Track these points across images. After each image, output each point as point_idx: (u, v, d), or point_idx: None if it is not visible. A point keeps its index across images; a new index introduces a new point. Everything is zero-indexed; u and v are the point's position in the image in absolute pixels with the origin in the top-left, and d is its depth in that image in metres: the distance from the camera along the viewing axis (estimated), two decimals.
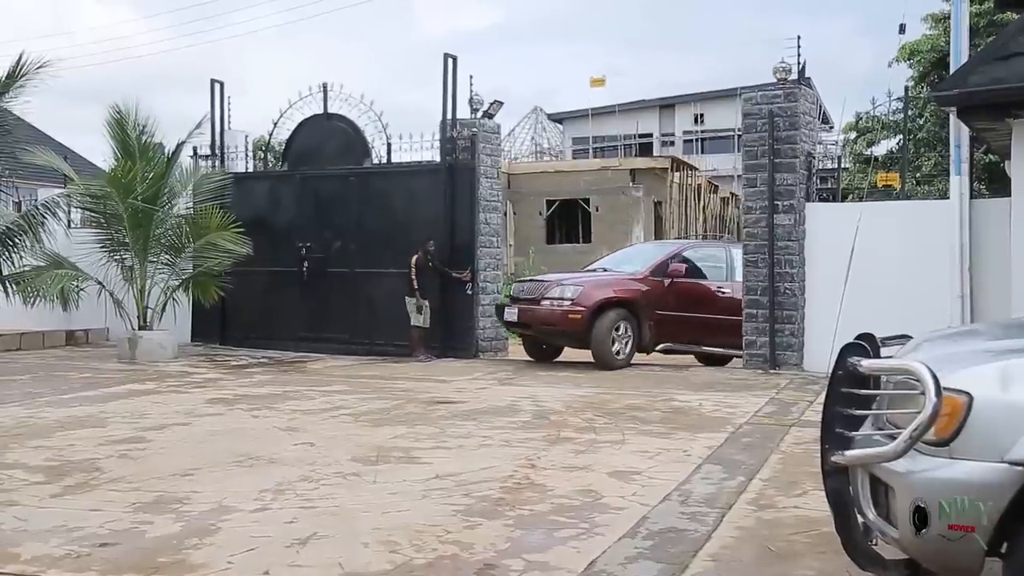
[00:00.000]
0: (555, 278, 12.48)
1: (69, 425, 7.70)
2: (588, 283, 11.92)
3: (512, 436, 7.23)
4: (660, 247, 13.99)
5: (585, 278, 12.26)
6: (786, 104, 11.50)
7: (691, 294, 12.21)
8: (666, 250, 13.02)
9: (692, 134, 42.07)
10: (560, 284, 11.93)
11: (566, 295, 11.67)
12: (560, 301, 11.64)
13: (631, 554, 4.32)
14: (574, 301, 11.57)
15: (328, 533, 4.60)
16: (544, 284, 12.13)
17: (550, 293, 11.78)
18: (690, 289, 12.25)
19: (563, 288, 11.78)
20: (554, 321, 11.70)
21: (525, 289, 12.26)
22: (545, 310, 11.73)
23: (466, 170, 13.29)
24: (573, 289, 11.72)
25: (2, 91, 13.36)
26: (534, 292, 12.00)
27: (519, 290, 12.39)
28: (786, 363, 11.43)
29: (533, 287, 12.19)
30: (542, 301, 11.77)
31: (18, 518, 4.87)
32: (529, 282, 12.68)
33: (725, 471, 6.06)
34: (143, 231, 13.22)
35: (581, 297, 11.58)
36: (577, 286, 11.78)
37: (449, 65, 13.25)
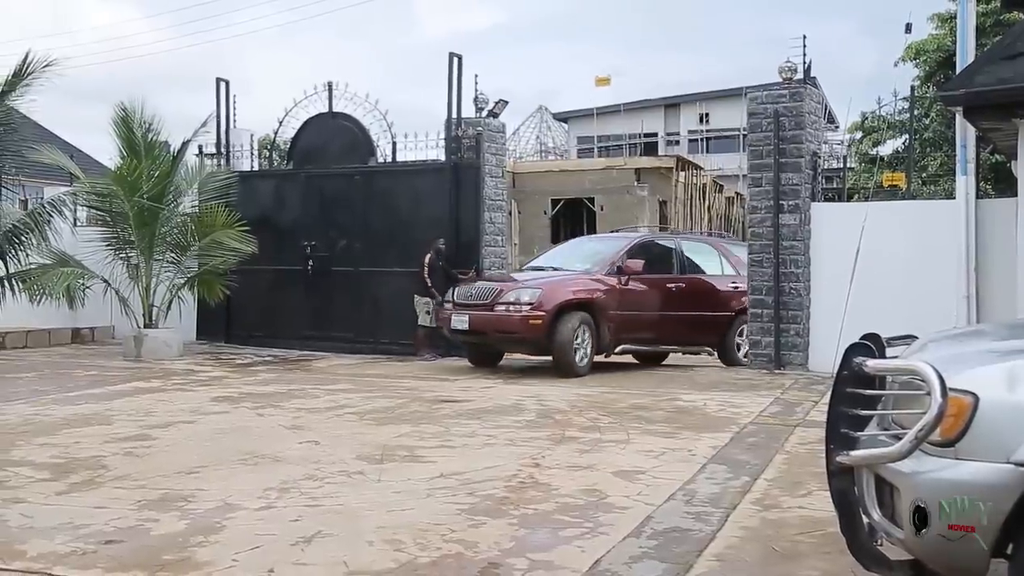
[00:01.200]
0: (508, 280, 11.67)
1: (75, 423, 7.72)
2: (546, 285, 11.03)
3: (516, 435, 7.23)
4: (609, 242, 13.03)
5: (541, 279, 11.33)
6: (792, 104, 11.49)
7: (648, 292, 11.63)
8: (618, 245, 12.16)
9: (697, 133, 42.03)
10: (517, 287, 11.09)
11: (523, 299, 10.77)
12: (517, 306, 10.74)
13: (636, 553, 4.32)
14: (533, 305, 10.68)
15: (333, 531, 4.60)
16: (496, 287, 11.17)
17: (506, 297, 10.87)
18: (647, 286, 11.62)
19: (520, 291, 10.91)
20: (512, 328, 10.79)
21: (474, 293, 11.27)
22: (501, 316, 10.81)
23: (471, 169, 13.28)
24: (531, 292, 10.83)
25: (8, 90, 13.39)
26: (486, 296, 11.04)
27: (466, 294, 11.39)
28: (791, 363, 11.42)
29: (484, 290, 11.20)
30: (496, 306, 10.85)
31: (24, 515, 4.89)
32: (477, 285, 11.57)
33: (730, 471, 6.06)
34: (149, 229, 13.24)
35: (541, 300, 10.71)
36: (535, 289, 10.90)
37: (454, 64, 13.26)
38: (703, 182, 28.84)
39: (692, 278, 12.17)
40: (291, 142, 14.92)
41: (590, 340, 10.93)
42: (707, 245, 13.30)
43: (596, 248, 12.59)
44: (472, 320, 10.99)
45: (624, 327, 11.27)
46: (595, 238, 14.02)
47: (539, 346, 10.96)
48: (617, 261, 11.46)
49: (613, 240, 13.04)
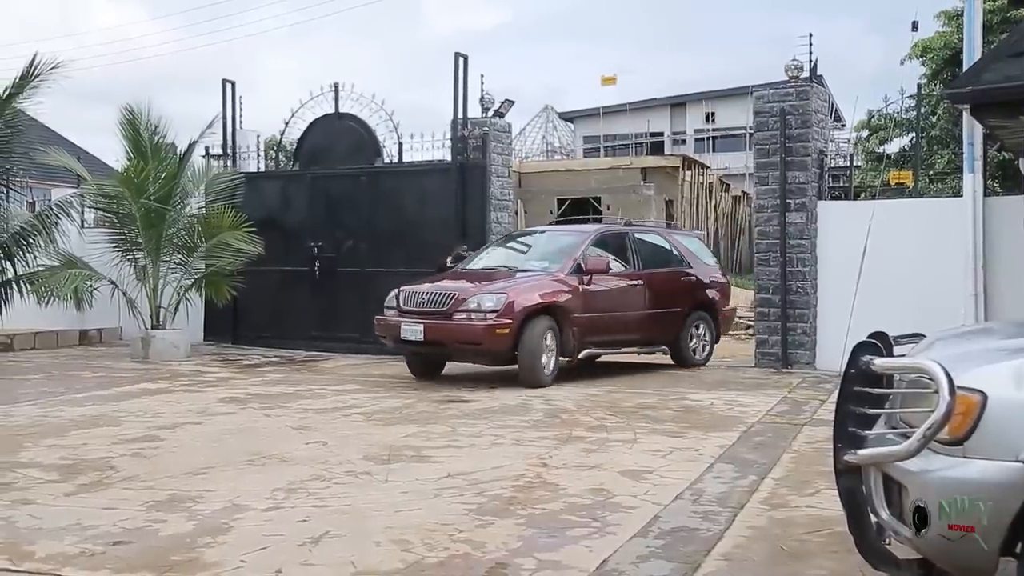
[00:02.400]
0: (464, 285, 10.32)
1: (83, 424, 7.74)
2: (511, 290, 9.94)
3: (524, 435, 7.23)
4: (561, 237, 11.82)
5: (502, 283, 10.21)
6: (798, 102, 11.47)
7: (609, 291, 10.75)
8: (573, 241, 11.11)
9: (703, 132, 41.99)
10: (478, 292, 9.92)
11: (486, 305, 9.71)
12: (480, 313, 9.69)
13: (643, 553, 4.32)
14: (499, 312, 9.63)
15: (340, 532, 4.61)
16: (453, 292, 9.99)
17: (467, 304, 9.77)
18: (608, 285, 10.74)
19: (482, 297, 9.81)
20: (475, 338, 9.72)
21: (427, 299, 10.10)
22: (463, 326, 9.75)
23: (477, 169, 13.28)
24: (495, 298, 9.76)
25: (16, 92, 13.42)
26: (442, 302, 9.93)
27: (414, 300, 10.23)
28: (798, 362, 11.40)
29: (439, 296, 10.03)
30: (455, 314, 9.76)
31: (33, 516, 4.90)
32: (425, 289, 10.33)
33: (737, 470, 6.05)
34: (156, 231, 13.27)
35: (506, 307, 9.66)
36: (499, 294, 9.82)
37: (460, 64, 13.26)
38: (709, 181, 28.82)
39: (649, 273, 11.32)
40: (297, 143, 14.91)
41: (555, 347, 10.05)
42: (658, 236, 12.42)
43: (548, 244, 11.57)
44: (427, 330, 9.84)
45: (588, 330, 10.40)
46: (544, 233, 12.54)
47: (504, 356, 9.92)
48: (577, 259, 10.50)
49: (565, 235, 11.84)
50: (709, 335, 12.01)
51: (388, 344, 10.67)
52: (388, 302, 10.58)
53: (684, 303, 11.64)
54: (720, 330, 12.34)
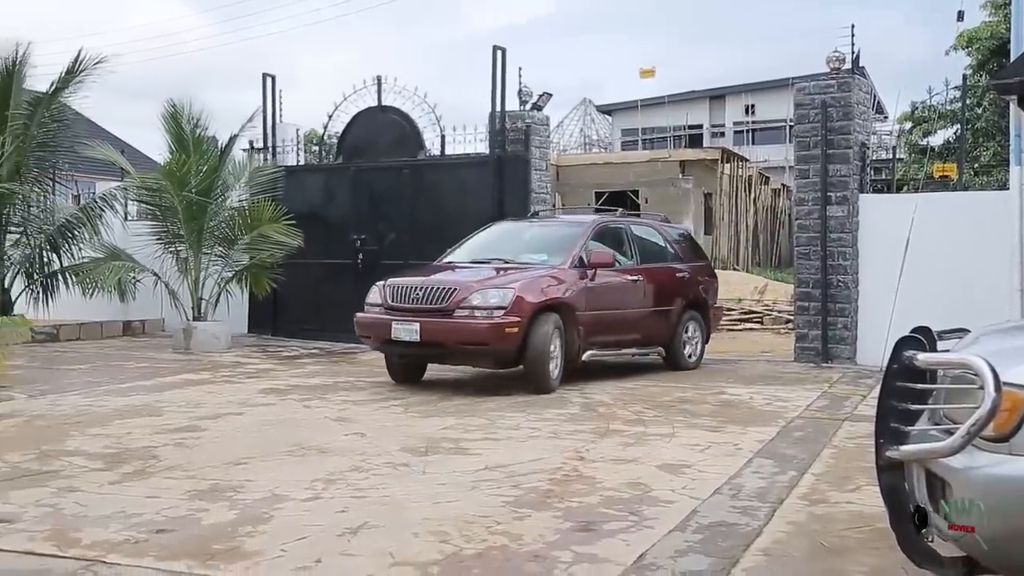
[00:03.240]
0: (462, 278, 9.42)
1: (127, 414, 7.85)
2: (517, 284, 9.02)
3: (561, 428, 7.23)
4: (559, 228, 11.02)
5: (506, 277, 9.28)
6: (840, 94, 11.34)
7: (612, 286, 10.02)
8: (573, 233, 10.26)
9: (743, 125, 41.65)
10: (481, 287, 8.99)
11: (492, 302, 8.79)
12: (486, 310, 8.76)
13: (681, 547, 4.30)
14: (507, 309, 8.73)
15: (379, 523, 4.64)
16: (452, 287, 9.01)
17: (470, 300, 8.83)
18: (610, 280, 9.99)
19: (487, 292, 8.88)
20: (482, 338, 8.80)
21: (421, 294, 9.12)
22: (466, 324, 8.79)
23: (519, 162, 13.26)
24: (502, 293, 8.85)
25: (61, 87, 13.66)
26: (440, 298, 8.94)
27: (406, 295, 9.22)
28: (839, 357, 11.29)
29: (435, 291, 9.04)
30: (457, 311, 8.81)
31: (79, 504, 4.99)
32: (420, 283, 9.32)
33: (776, 465, 6.01)
34: (197, 223, 13.42)
35: (515, 304, 8.77)
36: (506, 289, 8.91)
37: (498, 57, 13.25)
38: (749, 174, 28.58)
39: (647, 269, 10.60)
40: (340, 136, 14.97)
41: (561, 348, 9.24)
42: (653, 229, 11.51)
43: (544, 236, 10.71)
44: (425, 330, 8.83)
45: (593, 330, 9.62)
46: (534, 222, 11.48)
47: (510, 358, 9.04)
48: (579, 252, 9.71)
49: (562, 226, 11.04)
50: (701, 335, 11.28)
51: (372, 346, 9.86)
52: (371, 298, 9.56)
53: (679, 301, 10.91)
54: (710, 329, 11.67)
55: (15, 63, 13.26)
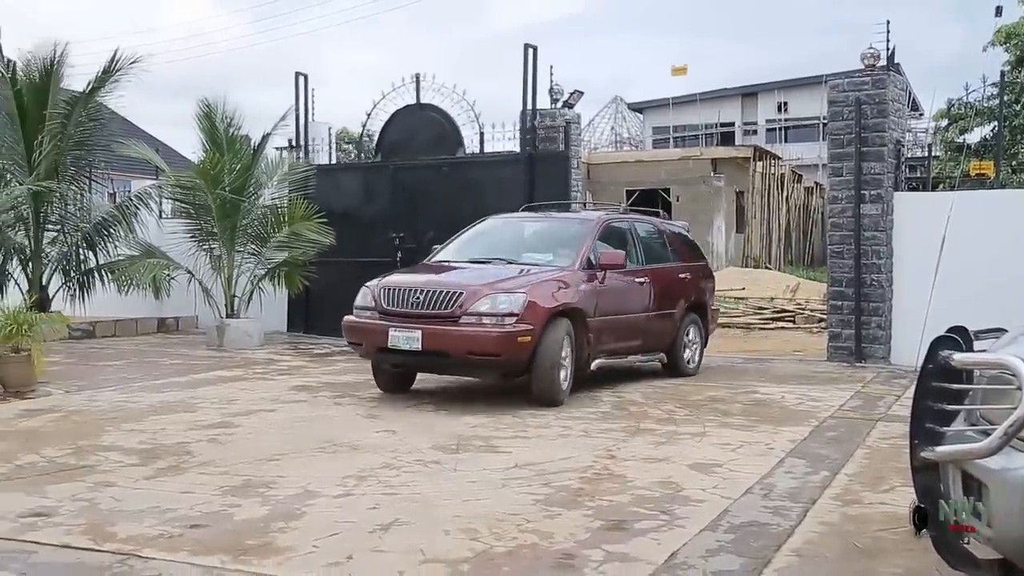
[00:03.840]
0: (465, 280, 8.55)
1: (161, 410, 7.94)
2: (527, 289, 8.19)
3: (591, 426, 7.22)
4: (560, 224, 10.27)
5: (515, 280, 8.43)
6: (874, 91, 11.22)
7: (621, 289, 9.33)
8: (577, 230, 9.55)
9: (775, 123, 41.35)
10: (492, 291, 8.11)
11: (502, 308, 7.94)
12: (497, 318, 7.91)
13: (712, 547, 4.28)
14: (518, 316, 7.89)
15: (409, 520, 4.66)
16: (457, 291, 8.13)
17: (478, 305, 7.97)
18: (619, 282, 9.29)
19: (496, 297, 8.02)
20: (493, 348, 7.91)
21: (421, 298, 8.20)
22: (475, 332, 7.91)
23: (560, 159, 13.13)
24: (512, 298, 8.00)
25: (98, 86, 13.81)
26: (443, 303, 8.06)
27: (404, 299, 8.33)
28: (872, 356, 11.18)
29: (437, 294, 8.14)
30: (464, 318, 7.95)
31: (115, 498, 5.05)
32: (421, 285, 8.40)
33: (809, 465, 5.97)
34: (230, 221, 13.53)
35: (527, 310, 7.94)
36: (515, 293, 8.07)
37: (529, 55, 13.24)
38: (781, 172, 28.35)
39: (652, 270, 9.94)
40: (379, 134, 14.88)
41: (572, 356, 8.47)
42: (654, 227, 10.81)
43: (546, 233, 9.95)
44: (427, 338, 7.96)
45: (603, 336, 8.91)
46: (533, 219, 10.50)
47: (520, 369, 8.20)
48: (588, 251, 8.98)
49: (566, 223, 10.23)
50: (700, 339, 10.68)
51: (362, 354, 8.91)
52: (362, 300, 8.73)
53: (681, 303, 10.29)
54: (709, 332, 11.12)
55: (53, 63, 13.42)
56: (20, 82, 13.50)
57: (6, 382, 8.85)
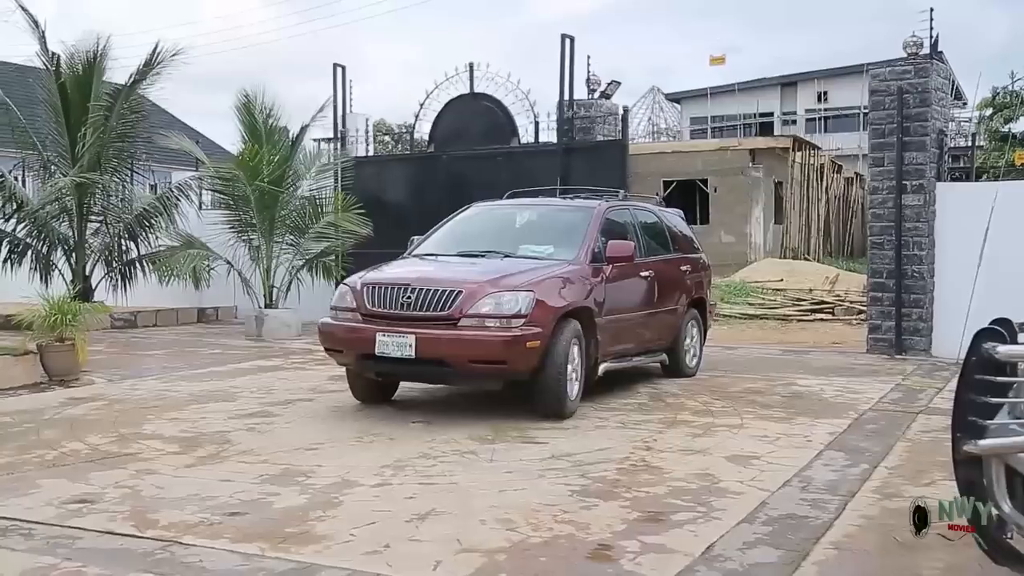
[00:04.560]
0: (461, 275, 7.44)
1: (201, 399, 8.04)
2: (534, 285, 7.20)
3: (628, 418, 7.21)
4: (557, 213, 9.15)
5: (521, 276, 7.35)
6: (916, 80, 11.06)
7: (628, 284, 8.47)
8: (577, 219, 8.50)
9: (815, 112, 40.91)
10: (495, 289, 7.07)
11: (507, 308, 6.93)
12: (501, 320, 6.90)
13: (750, 539, 4.26)
14: (526, 318, 6.92)
15: (446, 510, 4.68)
16: (455, 288, 7.04)
17: (479, 306, 6.94)
18: (628, 277, 8.40)
19: (501, 297, 6.99)
20: (499, 355, 6.89)
21: (413, 297, 7.08)
22: (478, 337, 6.87)
23: (616, 147, 12.94)
24: (518, 298, 7.00)
25: (140, 79, 13.98)
26: (440, 304, 6.99)
27: (393, 298, 7.19)
28: (913, 348, 11.05)
29: (432, 294, 7.04)
30: (463, 320, 6.92)
31: (156, 486, 5.13)
32: (412, 282, 7.27)
33: (848, 458, 5.91)
34: (269, 212, 13.64)
35: (537, 311, 6.98)
36: (520, 292, 7.06)
37: (566, 46, 13.21)
38: (820, 162, 28.05)
39: (656, 262, 9.02)
40: (432, 124, 14.68)
41: (582, 361, 7.50)
42: (652, 214, 9.79)
43: (543, 223, 8.93)
44: (422, 343, 6.89)
45: (612, 338, 8.02)
46: (524, 207, 9.36)
47: (524, 377, 7.16)
48: (594, 243, 8.05)
49: (563, 211, 9.15)
50: (700, 337, 9.93)
51: (342, 362, 7.73)
52: (340, 300, 7.60)
53: (683, 299, 9.51)
54: (707, 328, 10.32)
55: (95, 56, 13.61)
56: (64, 75, 13.71)
57: (51, 371, 9.00)
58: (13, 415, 7.22)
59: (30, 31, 13.72)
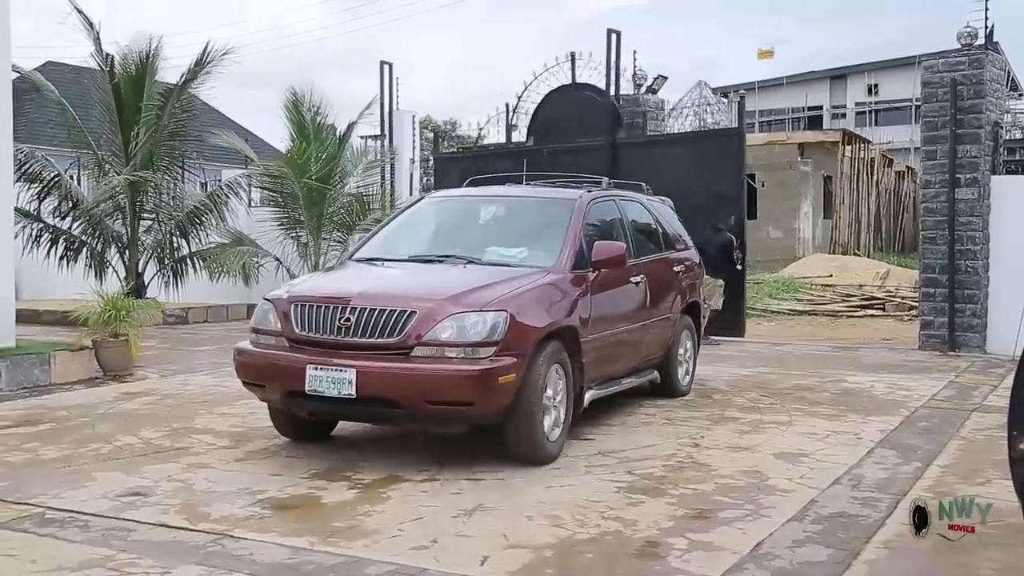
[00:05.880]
0: (414, 287, 5.95)
1: (251, 394, 8.11)
2: (506, 303, 5.57)
3: (675, 415, 7.17)
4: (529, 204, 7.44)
5: (490, 292, 5.69)
6: (971, 71, 10.84)
7: (619, 293, 6.92)
8: (555, 215, 6.87)
9: (865, 106, 40.29)
10: (458, 309, 5.48)
11: (472, 333, 5.39)
12: (467, 348, 5.36)
13: (799, 537, 4.22)
14: (499, 345, 5.39)
15: (493, 505, 4.70)
16: (408, 309, 5.46)
17: (438, 330, 5.38)
18: (616, 284, 6.82)
19: (465, 318, 5.42)
20: (462, 394, 5.33)
21: (353, 320, 5.50)
22: (437, 371, 5.33)
23: (732, 136, 12.49)
24: (489, 318, 5.43)
25: (191, 78, 14.19)
26: (385, 326, 5.43)
27: (327, 319, 5.61)
28: (966, 345, 10.85)
29: (376, 314, 5.46)
30: (418, 348, 5.37)
31: (208, 480, 5.21)
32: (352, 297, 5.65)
33: (899, 456, 5.83)
34: (317, 209, 13.78)
35: (510, 334, 5.43)
36: (491, 312, 5.47)
37: (612, 41, 13.16)
38: (871, 156, 27.63)
39: (646, 264, 7.51)
40: (531, 117, 14.18)
41: (567, 393, 5.98)
42: (640, 205, 8.18)
43: (512, 218, 7.31)
44: (365, 379, 5.34)
45: (600, 360, 6.51)
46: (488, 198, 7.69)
47: (497, 418, 5.54)
48: (576, 244, 6.50)
49: (536, 203, 7.43)
50: (693, 349, 8.51)
51: (264, 398, 6.10)
52: (261, 321, 6.02)
53: (676, 305, 8.08)
54: (700, 338, 8.85)
55: (148, 56, 13.84)
56: (118, 75, 13.96)
57: (105, 366, 9.17)
58: (70, 409, 7.37)
59: (85, 32, 14.01)
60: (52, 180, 13.96)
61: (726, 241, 11.59)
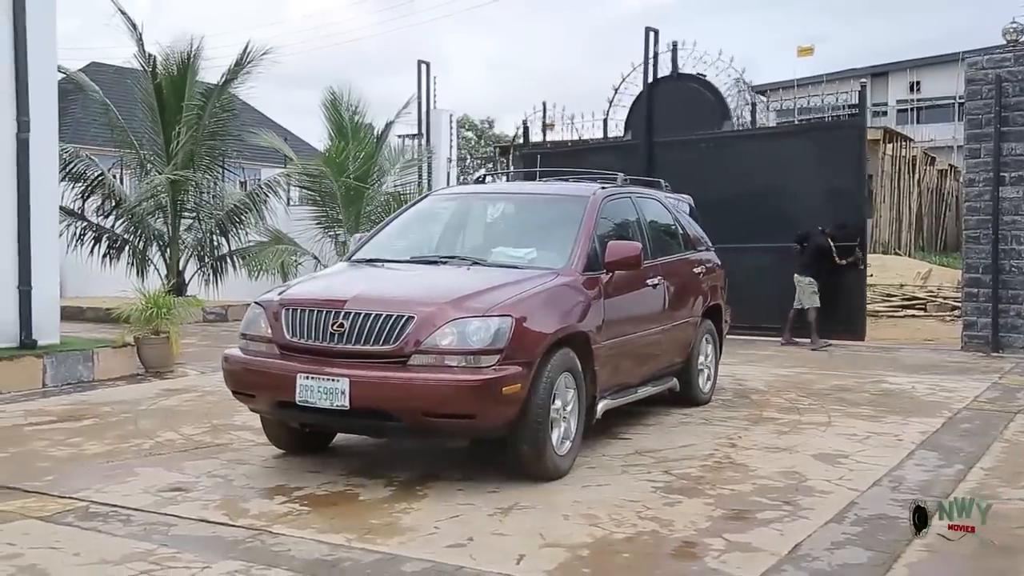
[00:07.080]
0: (414, 291, 5.54)
1: None
2: (512, 308, 5.21)
3: (712, 414, 7.13)
4: (539, 201, 7.19)
5: (494, 295, 5.33)
6: (1016, 68, 10.68)
7: (634, 297, 6.56)
8: (572, 211, 6.47)
9: (907, 103, 39.77)
10: (460, 314, 5.10)
11: (474, 340, 5.02)
12: (469, 356, 5.00)
13: (838, 539, 4.18)
14: (504, 353, 5.02)
15: (529, 504, 4.70)
16: (405, 314, 5.07)
17: (437, 337, 5.02)
18: (631, 287, 6.46)
19: (467, 324, 5.05)
20: (463, 406, 4.95)
21: (347, 325, 5.13)
22: (436, 381, 4.94)
23: (852, 130, 12.15)
24: (493, 324, 5.07)
25: (231, 78, 14.34)
26: (380, 333, 5.06)
27: (319, 324, 5.23)
28: (1011, 346, 10.69)
29: (371, 320, 5.09)
30: (416, 356, 5.01)
31: (247, 476, 5.26)
32: (348, 301, 5.24)
33: (941, 458, 5.75)
34: (355, 208, 13.88)
35: (516, 342, 5.07)
36: (496, 317, 5.10)
37: (651, 38, 13.11)
38: (912, 154, 27.26)
39: (664, 265, 7.15)
40: (628, 110, 13.90)
41: (579, 404, 5.61)
42: (658, 202, 7.83)
43: (524, 217, 7.01)
44: (359, 391, 4.99)
45: (614, 368, 6.17)
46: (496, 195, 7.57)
47: (501, 432, 5.18)
48: (588, 244, 6.13)
49: (546, 201, 7.18)
50: (715, 354, 8.07)
51: (255, 408, 5.70)
52: (251, 326, 5.69)
53: (697, 308, 7.71)
54: (723, 341, 8.41)
55: (189, 57, 14.01)
56: (159, 76, 14.15)
57: (147, 362, 9.30)
58: (112, 405, 7.48)
59: (128, 33, 14.20)
60: (96, 179, 14.19)
61: (823, 245, 11.46)
